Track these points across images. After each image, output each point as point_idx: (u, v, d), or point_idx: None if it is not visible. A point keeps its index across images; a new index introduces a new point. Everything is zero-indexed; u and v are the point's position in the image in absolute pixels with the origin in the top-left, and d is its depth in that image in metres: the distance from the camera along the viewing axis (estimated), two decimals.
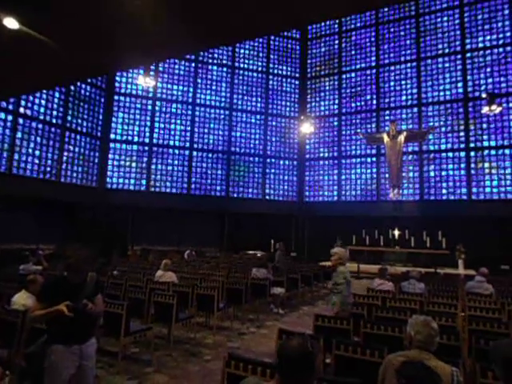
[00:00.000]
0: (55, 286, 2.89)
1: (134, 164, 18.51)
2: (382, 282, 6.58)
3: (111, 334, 4.59)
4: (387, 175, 18.53)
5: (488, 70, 17.48)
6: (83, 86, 16.67)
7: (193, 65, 20.08)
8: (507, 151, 16.77)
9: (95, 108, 17.42)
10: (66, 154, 15.83)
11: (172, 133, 19.38)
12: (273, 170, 21.19)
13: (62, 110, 15.71)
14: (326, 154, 21.05)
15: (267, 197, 20.77)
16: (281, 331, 3.54)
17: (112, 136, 18.16)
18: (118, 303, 4.62)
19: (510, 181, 16.60)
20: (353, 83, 20.80)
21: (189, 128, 19.71)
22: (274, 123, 21.50)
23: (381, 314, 4.81)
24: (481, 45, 17.77)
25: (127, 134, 18.50)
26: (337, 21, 21.32)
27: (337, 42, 21.55)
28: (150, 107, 19.05)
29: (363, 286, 11.35)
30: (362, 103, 20.41)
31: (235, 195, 20.24)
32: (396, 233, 17.52)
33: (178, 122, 19.56)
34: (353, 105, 20.66)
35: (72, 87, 16.01)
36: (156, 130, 19.05)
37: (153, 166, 18.82)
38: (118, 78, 18.41)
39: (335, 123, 20.99)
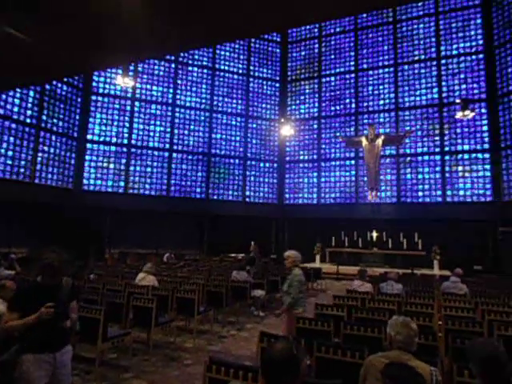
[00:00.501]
0: (28, 293, 2.77)
1: (111, 165, 18.15)
2: (361, 284, 6.66)
3: (88, 340, 4.46)
4: (365, 178, 18.85)
5: (462, 76, 18.08)
6: (59, 85, 16.22)
7: (173, 66, 19.91)
8: (480, 155, 17.36)
9: (71, 108, 16.98)
10: (40, 154, 15.35)
11: (151, 134, 19.12)
12: (253, 173, 21.21)
13: (37, 110, 15.23)
14: (306, 157, 21.23)
15: (247, 199, 20.77)
16: (262, 334, 3.52)
17: (89, 137, 17.76)
18: (96, 308, 4.50)
19: (482, 184, 17.17)
20: (332, 87, 21.09)
21: (168, 129, 19.50)
22: (254, 125, 21.55)
23: (360, 315, 4.86)
24: (455, 52, 18.38)
25: (105, 135, 18.13)
26: (317, 25, 21.58)
27: (317, 46, 21.82)
28: (128, 108, 18.75)
29: (342, 287, 11.51)
30: (342, 107, 20.72)
31: (215, 197, 20.15)
32: (374, 235, 17.83)
33: (158, 123, 19.33)
34: (332, 108, 20.95)
35: (47, 86, 15.58)
36: (135, 131, 18.76)
37: (131, 168, 18.51)
38: (95, 78, 18.04)
39: (315, 126, 21.21)
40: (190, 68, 20.37)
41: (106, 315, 4.38)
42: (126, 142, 18.49)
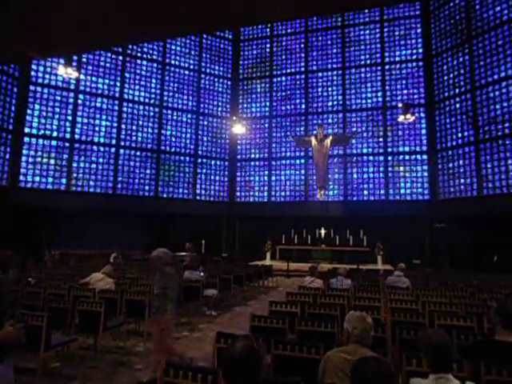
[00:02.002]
0: None
1: (52, 161, 17.00)
2: (312, 280, 6.83)
3: (29, 350, 4.13)
4: (314, 177, 19.40)
5: (404, 82, 19.22)
6: None
7: (120, 58, 19.05)
8: (419, 156, 18.58)
9: (6, 98, 15.65)
10: None
11: (96, 129, 18.17)
12: (204, 170, 20.97)
13: None
14: (257, 155, 21.39)
15: (198, 197, 20.50)
16: (219, 334, 3.47)
17: (27, 130, 16.49)
18: (37, 314, 4.18)
19: (420, 183, 18.40)
20: (283, 87, 21.43)
21: (115, 124, 18.66)
22: (205, 122, 21.30)
23: (313, 311, 4.97)
24: (398, 58, 19.49)
25: (45, 129, 16.94)
26: (269, 25, 21.78)
27: (268, 45, 22.03)
28: (71, 100, 17.65)
29: (293, 283, 11.76)
30: (292, 107, 21.14)
31: (165, 195, 19.64)
32: (322, 232, 18.41)
33: (104, 117, 18.40)
34: (283, 108, 21.29)
35: None
36: (78, 126, 17.71)
37: (74, 164, 17.48)
38: (34, 67, 16.77)
39: (266, 125, 21.43)
40: (138, 61, 19.63)
41: (48, 322, 4.09)
42: (68, 136, 17.41)
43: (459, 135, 17.30)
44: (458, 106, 17.49)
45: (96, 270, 6.88)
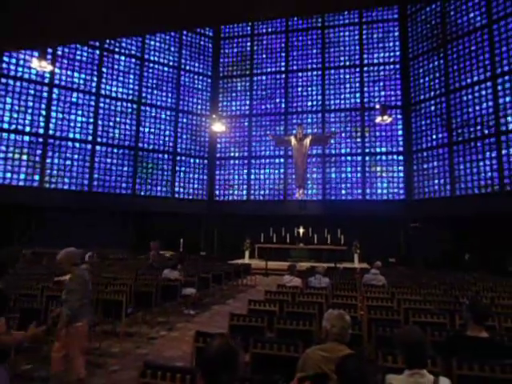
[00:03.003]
0: None
1: (24, 157, 16.42)
2: (291, 278, 6.88)
3: None
4: (294, 176, 19.53)
5: (381, 84, 19.60)
6: None
7: (97, 52, 18.59)
8: (395, 157, 19.00)
9: None
10: None
11: (72, 124, 17.66)
12: (183, 168, 20.76)
13: None
14: (237, 154, 21.35)
15: (177, 195, 20.28)
16: (198, 334, 3.45)
17: None
18: (7, 316, 4.03)
19: (396, 183, 18.82)
20: (263, 86, 21.46)
21: (92, 120, 18.20)
22: (184, 120, 21.09)
23: (291, 310, 5.01)
24: (376, 61, 19.85)
25: (17, 123, 16.35)
26: (249, 23, 21.75)
27: (249, 44, 22.00)
28: (45, 94, 17.09)
29: (271, 282, 11.81)
30: (272, 106, 21.19)
31: (142, 193, 19.34)
32: (301, 230, 18.57)
33: (80, 112, 17.91)
34: (263, 107, 21.32)
35: None
36: (53, 121, 17.17)
37: (48, 160, 16.95)
38: (6, 59, 16.15)
39: (246, 124, 21.41)
40: (116, 56, 19.21)
41: (20, 323, 3.96)
42: (42, 131, 16.86)
43: (434, 137, 17.80)
44: (432, 108, 17.98)
45: None
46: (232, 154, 21.44)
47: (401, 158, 18.91)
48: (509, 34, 15.21)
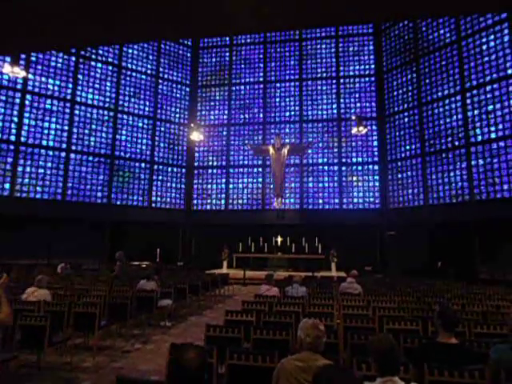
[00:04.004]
0: None
1: None
2: (269, 288, 6.87)
3: None
4: (272, 185, 19.65)
5: (357, 95, 20.10)
6: None
7: (73, 59, 18.28)
8: (370, 167, 19.43)
9: None
10: None
11: (46, 132, 17.21)
12: (160, 177, 20.53)
13: None
14: (215, 163, 21.32)
15: (154, 204, 20.01)
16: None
17: None
18: None
19: (372, 193, 19.22)
20: (242, 96, 21.61)
21: (66, 127, 17.79)
22: (162, 129, 20.93)
23: (268, 319, 4.99)
24: (352, 73, 20.37)
25: None
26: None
27: (227, 54, 22.16)
28: (18, 100, 16.62)
29: (249, 291, 11.76)
30: (250, 115, 21.34)
31: (118, 202, 18.97)
32: (279, 240, 18.63)
33: (54, 119, 17.49)
34: (241, 116, 21.44)
35: None
36: (25, 128, 16.69)
37: (19, 168, 16.42)
38: None
39: (224, 133, 21.45)
40: (93, 63, 18.94)
41: None
42: (13, 138, 16.35)
43: (408, 147, 18.34)
44: (406, 120, 18.55)
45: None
46: (210, 163, 21.39)
47: (376, 167, 19.36)
48: (476, 51, 15.95)
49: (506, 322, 3.29)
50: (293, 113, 20.79)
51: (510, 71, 14.75)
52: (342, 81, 20.39)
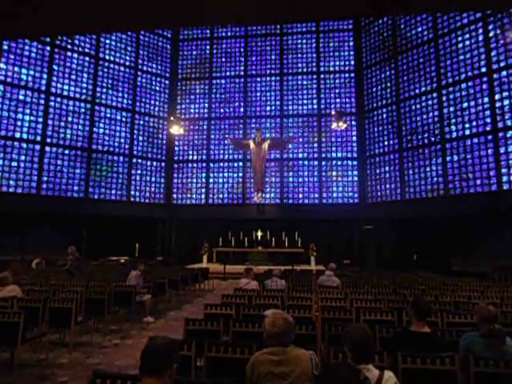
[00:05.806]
0: None
1: None
2: (248, 281, 6.90)
3: None
4: (252, 180, 19.67)
5: (337, 91, 20.29)
6: None
7: (48, 48, 17.67)
8: (350, 162, 19.70)
9: None
10: None
11: (19, 123, 16.62)
12: (139, 171, 20.21)
13: None
14: (195, 157, 21.14)
15: (132, 199, 19.70)
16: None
17: None
18: None
19: (351, 187, 19.51)
20: (222, 89, 21.46)
21: (41, 119, 17.25)
22: (141, 122, 20.57)
23: (248, 312, 5.03)
24: (332, 69, 20.53)
25: None
26: (209, 26, 21.71)
27: (208, 47, 21.93)
28: None
29: (229, 286, 11.79)
30: (231, 109, 21.23)
31: (95, 197, 18.58)
32: (259, 234, 18.72)
33: (27, 111, 16.91)
34: (222, 110, 21.30)
35: None
36: None
37: None
38: None
39: (205, 127, 21.27)
40: (69, 53, 18.38)
41: None
42: None
43: (386, 143, 18.67)
44: (384, 116, 18.87)
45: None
46: (190, 157, 21.19)
47: (355, 163, 19.64)
48: (452, 49, 16.34)
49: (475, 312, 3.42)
50: (273, 107, 20.81)
51: (484, 69, 15.19)
52: (322, 76, 20.52)
